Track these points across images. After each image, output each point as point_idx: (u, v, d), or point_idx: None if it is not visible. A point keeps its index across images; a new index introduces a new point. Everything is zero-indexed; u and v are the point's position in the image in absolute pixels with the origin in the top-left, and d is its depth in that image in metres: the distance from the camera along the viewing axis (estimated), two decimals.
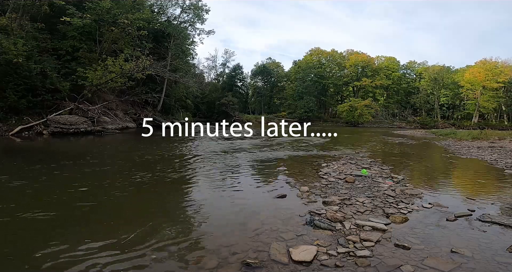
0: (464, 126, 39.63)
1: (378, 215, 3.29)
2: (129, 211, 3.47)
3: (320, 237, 2.68)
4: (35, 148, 9.51)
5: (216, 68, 56.02)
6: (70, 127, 13.18)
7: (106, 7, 16.12)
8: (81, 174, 5.34)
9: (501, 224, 3.00)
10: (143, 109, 23.50)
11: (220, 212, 3.44)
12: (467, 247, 2.47)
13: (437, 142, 15.14)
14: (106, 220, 3.13)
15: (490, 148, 10.99)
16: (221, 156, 8.09)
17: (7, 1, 15.59)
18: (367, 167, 6.21)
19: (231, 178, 5.22)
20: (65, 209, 3.42)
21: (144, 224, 2.98)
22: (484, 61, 43.40)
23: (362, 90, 50.55)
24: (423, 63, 53.18)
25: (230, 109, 41.25)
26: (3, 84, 12.45)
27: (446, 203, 3.77)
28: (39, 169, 5.71)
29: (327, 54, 52.47)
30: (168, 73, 21.08)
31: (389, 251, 2.40)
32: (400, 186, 4.68)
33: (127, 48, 17.83)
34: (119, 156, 8.30)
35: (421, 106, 49.45)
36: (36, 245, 2.49)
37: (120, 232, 2.77)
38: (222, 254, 2.35)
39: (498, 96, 42.58)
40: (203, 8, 28.97)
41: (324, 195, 4.06)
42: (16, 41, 12.65)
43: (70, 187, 4.37)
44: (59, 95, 14.67)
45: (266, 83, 55.02)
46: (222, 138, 14.70)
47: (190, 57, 33.35)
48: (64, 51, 16.35)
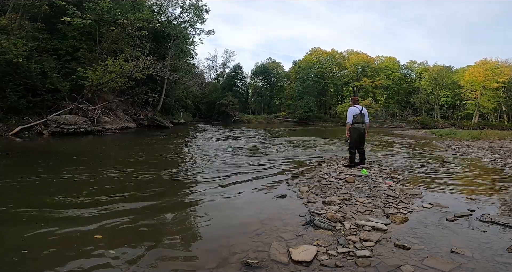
0: (464, 126, 39.63)
1: (378, 215, 3.29)
2: (128, 211, 3.46)
3: (320, 237, 2.68)
4: (34, 148, 9.50)
5: (216, 68, 56.07)
6: (70, 127, 13.17)
7: (106, 7, 16.11)
8: (79, 175, 5.33)
9: (501, 224, 3.00)
10: (143, 109, 23.50)
11: (220, 212, 3.44)
12: (467, 247, 2.46)
13: (437, 141, 15.14)
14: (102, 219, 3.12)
15: (490, 148, 10.99)
16: (221, 156, 8.09)
17: (7, 1, 15.59)
18: (367, 167, 6.21)
19: (230, 178, 5.21)
20: (56, 212, 3.41)
21: (143, 224, 2.98)
22: (484, 61, 43.42)
23: (362, 90, 50.54)
24: (423, 63, 53.21)
25: (230, 109, 41.20)
26: (3, 84, 12.44)
27: (446, 203, 3.76)
28: (36, 169, 5.71)
29: (327, 54, 52.53)
30: (168, 73, 21.07)
31: (389, 251, 2.39)
32: (400, 186, 4.68)
33: (127, 48, 17.81)
34: (119, 156, 8.31)
35: (421, 106, 49.47)
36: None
37: (119, 232, 2.77)
38: (222, 254, 2.34)
39: (498, 96, 42.60)
40: (203, 8, 29.02)
41: (324, 195, 4.06)
42: (16, 41, 12.64)
43: (67, 189, 4.37)
44: (59, 95, 14.67)
45: (266, 83, 55.03)
46: (222, 138, 14.70)
47: (190, 57, 33.37)
48: (64, 51, 16.34)
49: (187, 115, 33.31)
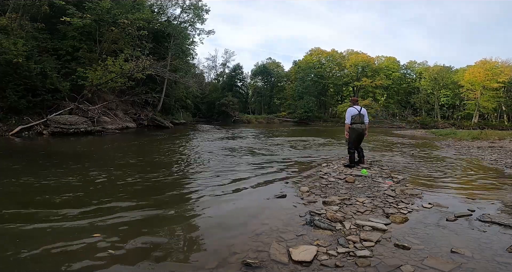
0: (464, 126, 39.60)
1: (378, 215, 3.29)
2: (128, 211, 3.46)
3: (320, 237, 2.68)
4: (34, 148, 9.50)
5: (216, 68, 56.08)
6: (70, 127, 13.17)
7: (106, 7, 16.11)
8: (78, 175, 5.33)
9: (501, 224, 3.00)
10: (143, 109, 23.50)
11: (220, 212, 3.44)
12: (467, 247, 2.46)
13: (437, 141, 15.14)
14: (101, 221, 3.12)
15: (490, 148, 10.99)
16: (220, 156, 8.09)
17: (7, 1, 15.59)
18: (367, 167, 6.21)
19: (230, 178, 5.21)
20: (51, 214, 3.41)
21: (143, 224, 2.98)
22: (484, 61, 43.39)
23: (362, 90, 50.52)
24: (423, 63, 53.18)
25: (230, 109, 41.20)
26: (3, 84, 12.45)
27: (446, 203, 3.76)
28: (35, 169, 5.71)
29: (327, 54, 52.50)
30: (168, 73, 21.07)
31: (389, 251, 2.39)
32: (400, 186, 4.68)
33: (127, 48, 17.81)
34: (118, 156, 8.30)
35: (421, 106, 49.45)
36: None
37: (118, 232, 2.77)
38: (222, 254, 2.34)
39: (498, 96, 42.57)
40: (203, 8, 29.03)
41: (324, 195, 4.06)
42: (16, 41, 12.65)
43: (64, 191, 4.37)
44: (59, 95, 14.67)
45: (266, 83, 55.01)
46: (221, 138, 14.70)
47: (190, 57, 33.37)
48: (64, 51, 16.34)
49: (187, 115, 33.32)
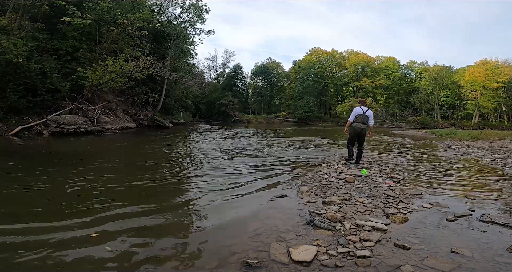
0: (464, 126, 39.61)
1: (378, 215, 3.29)
2: (127, 212, 3.46)
3: (320, 237, 2.68)
4: (33, 148, 9.50)
5: (216, 68, 56.07)
6: (70, 127, 13.17)
7: (106, 7, 16.10)
8: (77, 176, 5.33)
9: (501, 224, 3.00)
10: (143, 109, 23.50)
11: (220, 212, 3.44)
12: (467, 247, 2.46)
13: (437, 141, 15.14)
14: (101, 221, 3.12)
15: (490, 148, 10.99)
16: (220, 156, 8.09)
17: (7, 1, 15.59)
18: (367, 167, 6.21)
19: (230, 178, 5.21)
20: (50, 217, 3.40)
21: (143, 224, 2.98)
22: (484, 61, 43.40)
23: (362, 90, 50.52)
24: (423, 63, 53.20)
25: (230, 109, 41.20)
26: (3, 84, 12.43)
27: (446, 203, 3.76)
28: (34, 170, 5.71)
29: (327, 54, 52.52)
30: (168, 73, 21.06)
31: (389, 251, 2.39)
32: (400, 186, 4.68)
33: (127, 48, 17.80)
34: (118, 157, 8.31)
35: (421, 106, 49.46)
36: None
37: (117, 232, 2.77)
38: (222, 254, 2.34)
39: (498, 96, 42.59)
40: (203, 8, 29.02)
41: (324, 195, 4.06)
42: (16, 41, 12.63)
43: (62, 192, 4.37)
44: (59, 95, 14.66)
45: (266, 83, 55.02)
46: (221, 138, 14.70)
47: (190, 57, 33.35)
48: (64, 51, 16.32)
49: (187, 115, 33.31)
